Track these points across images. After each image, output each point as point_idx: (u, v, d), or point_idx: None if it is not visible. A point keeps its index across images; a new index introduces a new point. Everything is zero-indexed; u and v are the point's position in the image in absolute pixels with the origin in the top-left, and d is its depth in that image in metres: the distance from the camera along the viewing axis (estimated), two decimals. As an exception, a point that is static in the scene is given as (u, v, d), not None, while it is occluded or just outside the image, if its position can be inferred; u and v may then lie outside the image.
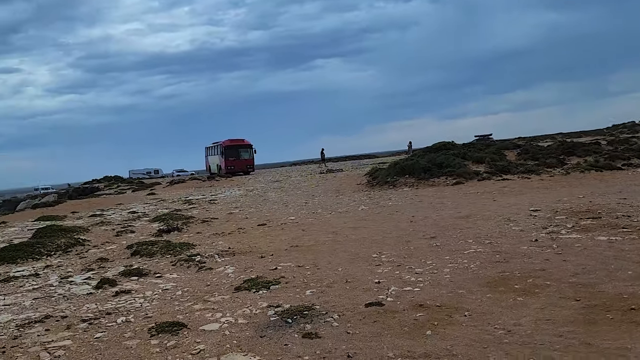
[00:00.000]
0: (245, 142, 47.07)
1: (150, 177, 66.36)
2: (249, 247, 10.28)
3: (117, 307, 6.64)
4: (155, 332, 5.43)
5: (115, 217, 18.76)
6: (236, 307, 6.22)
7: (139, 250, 10.57)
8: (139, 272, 8.62)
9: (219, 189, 30.21)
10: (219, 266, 8.80)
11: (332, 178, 30.09)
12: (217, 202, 22.09)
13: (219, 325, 5.57)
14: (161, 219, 15.94)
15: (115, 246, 11.84)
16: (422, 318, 5.30)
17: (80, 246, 12.06)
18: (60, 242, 12.05)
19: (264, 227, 13.04)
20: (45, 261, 10.70)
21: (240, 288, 7.08)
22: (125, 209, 21.99)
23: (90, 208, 24.58)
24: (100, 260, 10.14)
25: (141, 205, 23.69)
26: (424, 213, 13.23)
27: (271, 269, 8.18)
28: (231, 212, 17.51)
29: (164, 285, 7.73)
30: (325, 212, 15.44)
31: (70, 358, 4.94)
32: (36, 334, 5.70)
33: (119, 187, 43.78)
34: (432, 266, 7.50)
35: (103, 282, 7.96)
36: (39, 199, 51.05)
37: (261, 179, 36.66)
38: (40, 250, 11.40)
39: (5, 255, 11.11)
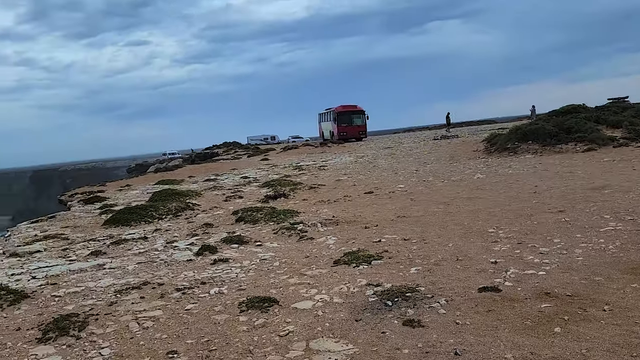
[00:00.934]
0: (358, 108, 46.35)
1: (267, 143, 68.08)
2: (353, 217, 9.74)
3: (213, 276, 6.42)
4: (246, 308, 5.08)
5: (227, 182, 19.16)
6: (333, 283, 5.71)
7: (243, 216, 10.46)
8: (239, 239, 8.43)
9: (330, 155, 29.99)
10: (320, 236, 8.35)
11: (447, 144, 28.63)
12: (327, 168, 21.81)
13: (312, 303, 5.09)
14: (270, 185, 15.92)
15: (222, 211, 11.88)
16: (548, 310, 4.42)
17: (190, 210, 12.27)
18: (171, 206, 12.34)
19: (371, 196, 12.43)
20: (156, 224, 10.97)
21: (339, 261, 6.56)
22: (238, 174, 22.45)
23: (207, 172, 25.49)
24: (206, 225, 10.15)
25: (254, 170, 24.10)
26: (549, 183, 11.83)
27: (374, 241, 7.57)
28: (339, 179, 17.09)
29: (262, 254, 7.43)
30: (436, 180, 14.47)
31: (157, 331, 4.72)
32: (131, 302, 5.61)
33: (236, 153, 45.37)
34: (560, 246, 6.44)
35: (204, 249, 7.84)
36: (165, 163, 54.66)
37: (372, 145, 35.94)
38: (153, 214, 11.73)
39: (121, 217, 11.57)
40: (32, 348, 4.51)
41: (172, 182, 20.92)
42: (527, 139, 20.63)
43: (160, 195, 14.77)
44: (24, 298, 6.00)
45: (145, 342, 4.48)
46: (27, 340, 4.71)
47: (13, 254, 9.06)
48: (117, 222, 11.37)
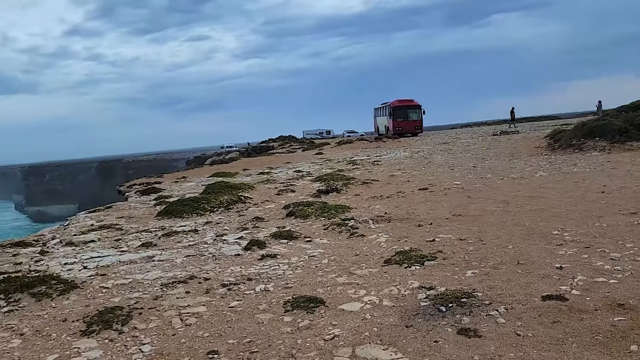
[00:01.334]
0: (414, 103, 45.57)
1: (322, 137, 68.14)
2: (406, 213, 9.38)
3: (260, 272, 6.26)
4: (291, 308, 4.87)
5: (280, 176, 19.12)
6: (383, 284, 5.42)
7: (294, 211, 10.29)
8: (289, 234, 8.26)
9: (385, 150, 29.54)
10: (371, 233, 8.06)
11: (506, 140, 27.59)
12: (381, 163, 21.42)
13: (360, 305, 4.83)
14: (322, 179, 15.72)
15: (273, 205, 11.77)
16: (622, 324, 3.97)
17: (242, 204, 12.23)
18: (223, 199, 12.34)
19: (426, 192, 12.00)
20: (207, 217, 10.97)
21: (390, 261, 6.25)
22: (292, 168, 22.41)
23: (261, 166, 25.61)
24: (256, 219, 10.05)
25: (307, 164, 24.00)
26: (619, 182, 11.05)
27: (428, 240, 7.21)
28: (393, 174, 16.69)
29: (311, 251, 7.22)
30: (495, 177, 13.85)
31: (199, 328, 4.58)
32: (176, 296, 5.51)
33: (291, 147, 45.54)
34: (634, 251, 5.89)
35: (252, 244, 7.71)
36: (223, 156, 55.58)
37: (428, 140, 35.18)
38: (204, 206, 11.75)
39: (174, 209, 11.65)
40: (76, 341, 4.47)
41: (226, 175, 21.10)
42: (593, 135, 19.52)
43: (213, 187, 14.85)
44: (73, 288, 6.03)
45: (186, 339, 4.35)
46: (71, 332, 4.68)
47: (69, 243, 9.25)
48: (170, 214, 11.46)
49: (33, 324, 4.97)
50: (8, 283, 6.07)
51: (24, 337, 4.64)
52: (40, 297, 5.79)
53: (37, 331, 4.77)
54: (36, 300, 5.71)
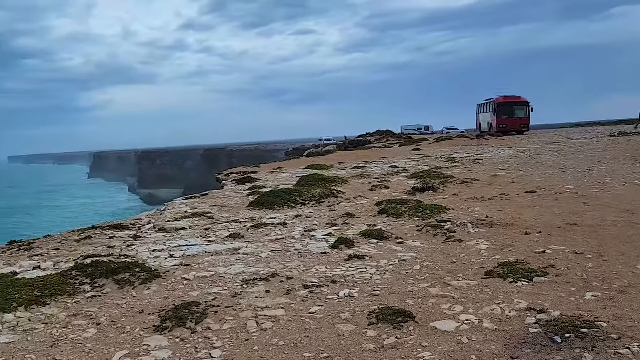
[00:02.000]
0: (522, 100, 43.04)
1: (421, 133, 66.64)
2: (511, 219, 8.49)
3: (346, 275, 5.79)
4: (376, 320, 4.35)
5: (375, 171, 18.57)
6: (483, 300, 4.74)
7: (387, 209, 9.73)
8: (379, 234, 7.72)
9: (486, 148, 28.00)
10: (470, 238, 7.32)
11: (626, 142, 25.09)
12: (482, 162, 20.19)
13: (456, 325, 4.21)
14: (419, 176, 14.98)
15: (365, 201, 11.27)
16: None
17: (334, 198, 11.84)
18: (315, 192, 12.03)
19: (533, 195, 10.92)
20: (298, 210, 10.69)
21: (492, 273, 5.53)
22: (388, 163, 21.77)
23: (356, 160, 25.18)
24: (347, 215, 9.59)
25: (403, 160, 23.24)
26: None
27: (537, 251, 6.36)
28: (496, 174, 15.56)
29: (402, 254, 6.64)
30: (615, 182, 12.39)
31: (275, 335, 4.19)
32: (255, 295, 5.18)
33: (388, 142, 44.79)
34: None
35: (340, 242, 7.26)
36: (320, 148, 55.96)
37: (535, 139, 32.94)
38: (296, 199, 11.50)
39: (266, 200, 11.51)
40: (147, 337, 4.25)
41: (321, 168, 20.88)
42: None
43: (307, 180, 14.62)
44: (155, 278, 5.91)
45: (259, 347, 3.97)
46: (145, 326, 4.48)
47: (161, 229, 9.33)
48: (262, 205, 11.33)
49: (111, 314, 4.84)
50: (95, 268, 6.08)
51: (100, 328, 4.51)
52: (123, 284, 5.72)
53: (113, 322, 4.63)
54: (119, 288, 5.64)
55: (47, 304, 5.15)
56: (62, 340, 4.25)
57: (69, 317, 4.81)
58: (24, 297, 5.18)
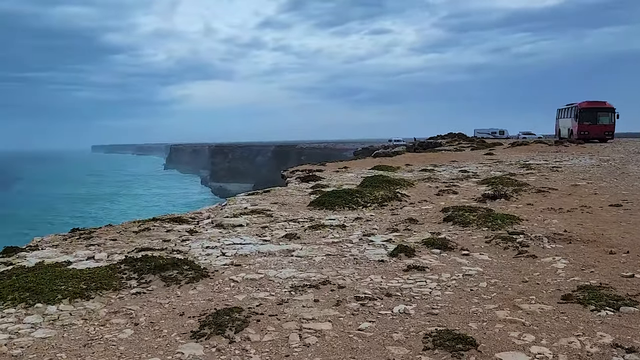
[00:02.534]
0: (607, 105, 40.45)
1: (494, 137, 64.30)
2: (593, 234, 7.67)
3: (403, 287, 5.31)
4: (432, 345, 3.86)
5: (443, 175, 17.80)
6: (559, 330, 4.13)
7: (453, 216, 9.11)
8: (443, 244, 7.15)
9: (566, 156, 26.36)
10: (545, 255, 6.62)
11: None
12: (561, 170, 18.91)
13: (527, 359, 3.65)
14: (490, 182, 14.13)
15: (431, 207, 10.66)
16: None
17: (397, 201, 11.31)
18: (378, 194, 11.54)
19: (619, 209, 9.93)
20: (359, 212, 10.25)
21: (570, 297, 4.88)
22: (457, 167, 20.88)
23: (425, 162, 24.40)
24: (410, 220, 9.06)
25: (475, 164, 22.24)
26: None
27: (625, 275, 5.61)
28: (576, 183, 14.43)
29: (467, 268, 6.06)
30: None
31: (317, 352, 3.80)
32: (302, 304, 4.81)
33: (459, 145, 43.40)
34: None
35: (400, 250, 6.77)
36: (389, 149, 55.19)
37: (620, 148, 30.75)
38: (358, 200, 11.07)
39: (327, 200, 11.15)
40: (183, 343, 3.97)
41: (387, 169, 20.32)
42: None
43: (370, 181, 14.16)
44: (203, 277, 5.68)
45: (299, 366, 3.60)
46: (182, 331, 4.21)
47: (218, 225, 9.18)
48: (322, 205, 10.99)
49: (151, 314, 4.63)
50: (144, 262, 5.93)
51: (136, 329, 4.29)
52: (169, 282, 5.53)
53: (151, 323, 4.41)
54: (165, 285, 5.45)
55: (91, 298, 5.02)
56: (96, 340, 4.05)
57: (109, 314, 4.64)
58: (70, 289, 5.08)
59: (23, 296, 4.91)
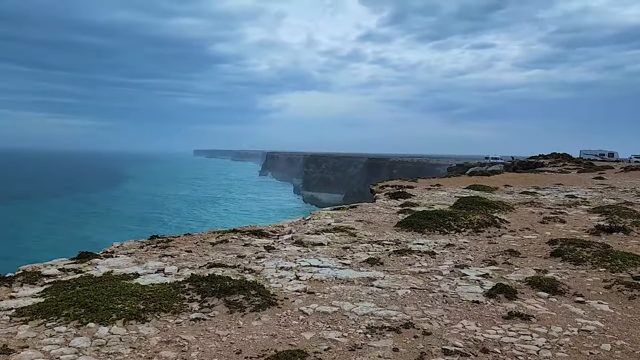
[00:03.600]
0: None
1: (603, 159, 59.65)
2: None
3: (502, 341, 4.40)
4: None
5: (547, 199, 16.22)
6: None
7: (562, 250, 7.92)
8: (552, 285, 6.08)
9: (692, 184, 23.43)
10: (684, 311, 5.39)
11: None
12: (688, 200, 16.63)
13: None
14: (603, 212, 12.54)
15: (534, 236, 9.46)
16: None
17: (495, 227, 10.19)
18: (474, 218, 10.48)
19: None
20: (451, 237, 9.29)
21: None
22: (563, 192, 19.09)
23: (526, 183, 22.67)
24: (510, 252, 7.98)
25: (583, 189, 20.26)
26: None
27: None
28: None
29: (584, 321, 5.01)
30: None
31: None
32: (377, 353, 4.05)
33: (564, 166, 40.49)
34: None
35: (499, 289, 5.80)
36: (486, 167, 52.72)
37: None
38: (450, 224, 10.09)
39: (416, 221, 10.28)
40: (231, 393, 3.37)
41: (484, 189, 18.96)
42: None
43: (465, 202, 13.08)
44: (270, 305, 5.09)
45: None
46: (234, 376, 3.62)
47: (298, 242, 8.63)
48: (410, 226, 10.13)
49: (205, 348, 4.08)
50: (210, 283, 5.45)
51: (184, 366, 3.75)
52: (233, 308, 4.99)
53: (202, 360, 3.85)
54: (228, 312, 4.92)
55: (147, 321, 4.57)
56: (137, 378, 3.56)
57: (161, 343, 4.14)
58: (126, 309, 4.67)
59: (77, 313, 4.56)
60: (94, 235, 72.38)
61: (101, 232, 76.32)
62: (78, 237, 71.17)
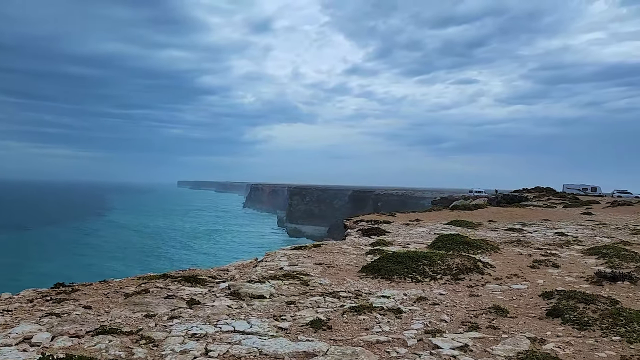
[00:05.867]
0: None
1: (586, 194, 58.88)
2: None
3: None
4: None
5: (535, 237, 14.72)
6: None
7: (561, 308, 6.29)
8: (553, 366, 4.45)
9: (685, 221, 22.14)
10: None
11: None
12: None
13: None
14: (601, 253, 11.01)
15: (525, 286, 7.86)
16: None
17: (478, 274, 8.58)
18: (453, 262, 8.86)
19: None
20: (424, 287, 7.66)
21: None
22: (552, 228, 17.65)
23: (511, 218, 21.25)
24: (495, 310, 6.33)
25: (573, 226, 18.84)
26: None
27: None
28: None
29: None
30: None
31: None
32: None
33: (549, 200, 39.42)
34: None
35: (481, 374, 4.16)
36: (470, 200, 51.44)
37: None
38: (424, 269, 8.47)
39: (383, 266, 8.64)
40: None
41: (467, 225, 17.46)
42: None
43: (445, 241, 11.51)
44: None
45: None
46: None
47: (234, 294, 6.95)
48: (377, 272, 8.50)
49: None
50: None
51: None
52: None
53: None
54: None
55: None
56: None
57: None
58: None
59: None
60: (63, 269, 69.72)
61: (70, 266, 73.75)
62: (40, 272, 68.92)
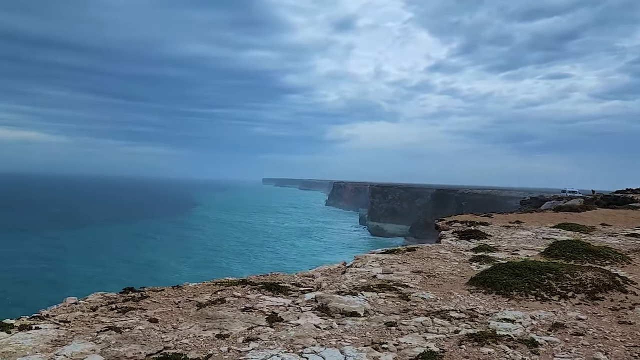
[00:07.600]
0: None
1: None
2: None
3: None
4: None
5: (669, 245, 12.52)
6: None
7: None
8: None
9: None
10: None
11: None
12: None
13: None
14: None
15: (687, 311, 6.17)
16: None
17: (619, 292, 6.94)
18: (585, 275, 7.27)
19: None
20: (554, 308, 6.17)
21: None
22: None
23: (628, 223, 18.74)
24: (664, 346, 4.80)
25: None
26: None
27: None
28: None
29: None
30: None
31: None
32: None
33: (664, 201, 35.30)
34: None
35: None
36: (564, 201, 47.73)
37: None
38: (550, 284, 6.95)
39: (497, 278, 7.19)
40: None
41: (578, 229, 15.40)
42: None
43: (563, 248, 9.81)
44: None
45: None
46: None
47: (322, 308, 5.84)
48: (490, 285, 7.08)
49: None
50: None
51: None
52: None
53: None
54: None
55: None
56: None
57: None
58: None
59: None
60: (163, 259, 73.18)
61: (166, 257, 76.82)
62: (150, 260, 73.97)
